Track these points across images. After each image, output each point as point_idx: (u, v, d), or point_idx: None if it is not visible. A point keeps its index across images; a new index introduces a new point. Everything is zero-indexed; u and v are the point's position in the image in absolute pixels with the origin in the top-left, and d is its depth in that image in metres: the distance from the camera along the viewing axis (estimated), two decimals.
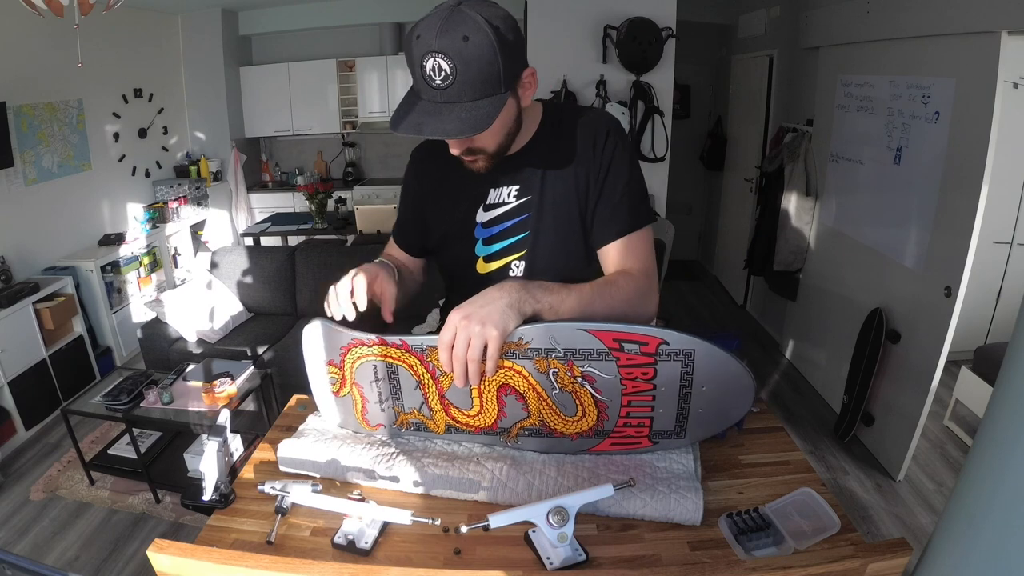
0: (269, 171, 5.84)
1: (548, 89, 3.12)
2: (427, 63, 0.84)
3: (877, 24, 2.67)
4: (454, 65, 0.83)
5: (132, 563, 2.27)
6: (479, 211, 1.08)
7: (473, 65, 0.84)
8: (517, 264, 1.08)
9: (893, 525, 2.36)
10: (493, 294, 0.87)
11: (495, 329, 0.83)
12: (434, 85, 0.85)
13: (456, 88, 0.85)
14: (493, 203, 1.07)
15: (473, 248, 1.10)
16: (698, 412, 0.94)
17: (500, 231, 1.08)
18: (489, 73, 0.85)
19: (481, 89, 0.86)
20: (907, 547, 0.76)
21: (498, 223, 1.08)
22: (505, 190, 1.07)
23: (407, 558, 0.84)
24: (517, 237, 1.07)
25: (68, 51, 2.95)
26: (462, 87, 0.85)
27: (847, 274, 3.07)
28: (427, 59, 0.84)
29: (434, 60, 0.83)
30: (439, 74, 0.84)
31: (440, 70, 0.84)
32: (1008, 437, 0.58)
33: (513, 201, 1.06)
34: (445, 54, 0.83)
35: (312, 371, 1.04)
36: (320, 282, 3.55)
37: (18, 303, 3.04)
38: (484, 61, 0.84)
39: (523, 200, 1.06)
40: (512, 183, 1.06)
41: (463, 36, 0.82)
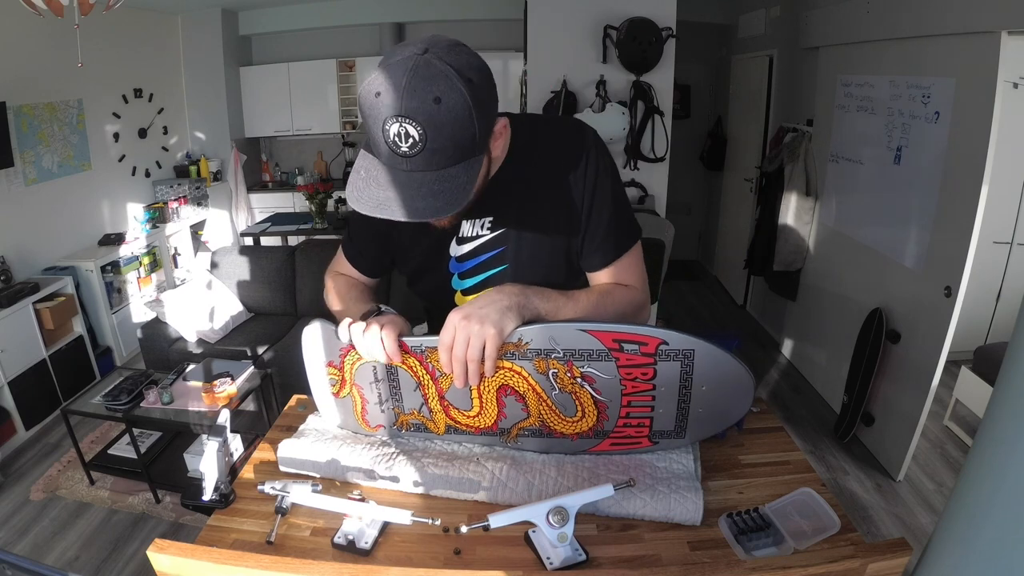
0: (269, 171, 5.84)
1: (548, 89, 3.12)
2: (391, 128, 0.73)
3: (877, 24, 2.67)
4: (423, 132, 0.73)
5: (132, 563, 2.27)
6: (452, 244, 1.01)
7: (446, 130, 0.74)
8: None
9: (893, 525, 2.36)
10: (492, 296, 0.85)
11: (493, 328, 0.82)
12: (399, 152, 0.75)
13: (425, 156, 0.75)
14: (466, 236, 1.00)
15: (449, 282, 1.04)
16: (698, 412, 0.94)
17: (476, 264, 1.01)
18: (463, 137, 0.76)
19: (453, 155, 0.77)
20: (907, 547, 0.76)
21: (473, 256, 1.01)
22: (478, 222, 0.99)
23: (407, 558, 0.84)
24: (495, 271, 1.01)
25: (68, 51, 2.95)
26: (432, 155, 0.75)
27: (847, 274, 3.07)
28: (391, 123, 0.73)
29: (400, 125, 0.73)
30: (406, 141, 0.74)
31: (407, 136, 0.73)
32: (1008, 437, 0.58)
33: (487, 233, 0.99)
34: (413, 119, 0.72)
35: (312, 372, 1.04)
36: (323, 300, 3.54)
37: (18, 303, 3.04)
38: (458, 124, 0.74)
39: (498, 232, 0.99)
40: (485, 214, 0.98)
41: (434, 98, 0.72)
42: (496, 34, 5.20)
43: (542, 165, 0.96)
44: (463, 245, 1.01)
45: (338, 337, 0.95)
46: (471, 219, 1.00)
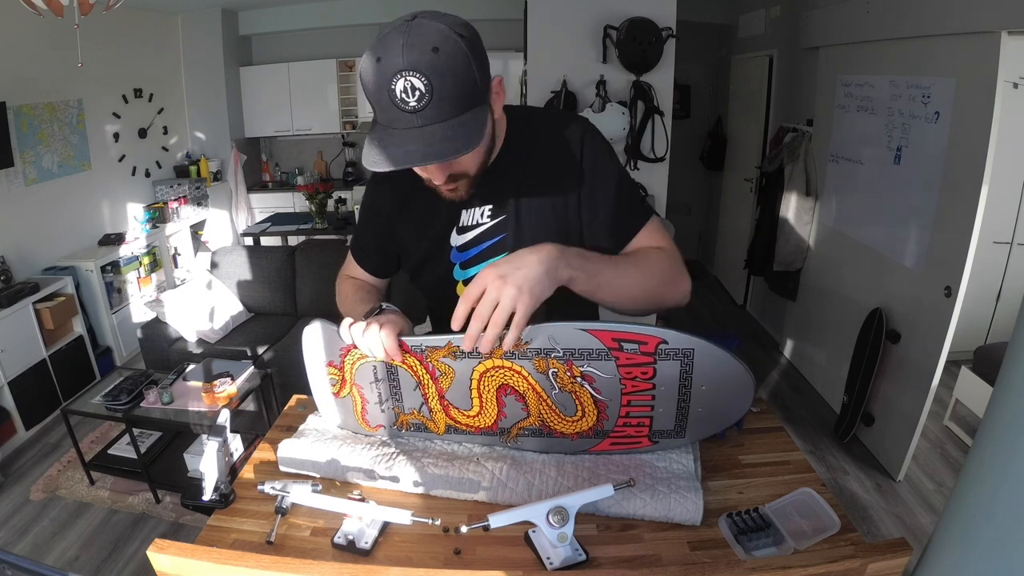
0: (269, 171, 5.84)
1: (548, 89, 3.12)
2: (396, 85, 0.75)
3: (877, 24, 2.67)
4: (428, 81, 0.75)
5: (132, 563, 2.27)
6: (453, 234, 1.02)
7: (449, 77, 0.76)
8: None
9: (893, 525, 2.36)
10: (530, 258, 0.80)
11: (528, 296, 0.77)
12: (408, 108, 0.77)
13: (435, 107, 0.76)
14: (466, 225, 1.01)
15: (451, 272, 1.04)
16: (698, 411, 0.94)
17: (477, 253, 1.02)
18: (467, 84, 0.78)
19: (461, 103, 0.78)
20: (907, 547, 0.76)
21: (474, 245, 1.01)
22: (477, 210, 1.00)
23: (407, 558, 0.84)
24: (496, 258, 0.98)
25: (68, 51, 2.95)
26: (441, 104, 0.77)
27: (847, 274, 3.07)
28: (396, 81, 0.75)
29: (405, 80, 0.75)
30: (413, 94, 0.76)
31: (414, 90, 0.75)
32: (1008, 437, 0.58)
33: (488, 221, 1.00)
34: (416, 71, 0.74)
35: (312, 372, 1.04)
36: (323, 300, 3.55)
37: (18, 303, 3.04)
38: (460, 70, 0.77)
39: (498, 220, 0.99)
40: (484, 202, 0.99)
41: (432, 47, 0.75)
42: (496, 34, 5.19)
43: (539, 153, 0.97)
44: (463, 234, 1.01)
45: (339, 336, 0.95)
46: (470, 208, 1.00)
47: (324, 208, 4.58)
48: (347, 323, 0.93)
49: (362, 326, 0.91)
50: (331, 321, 1.00)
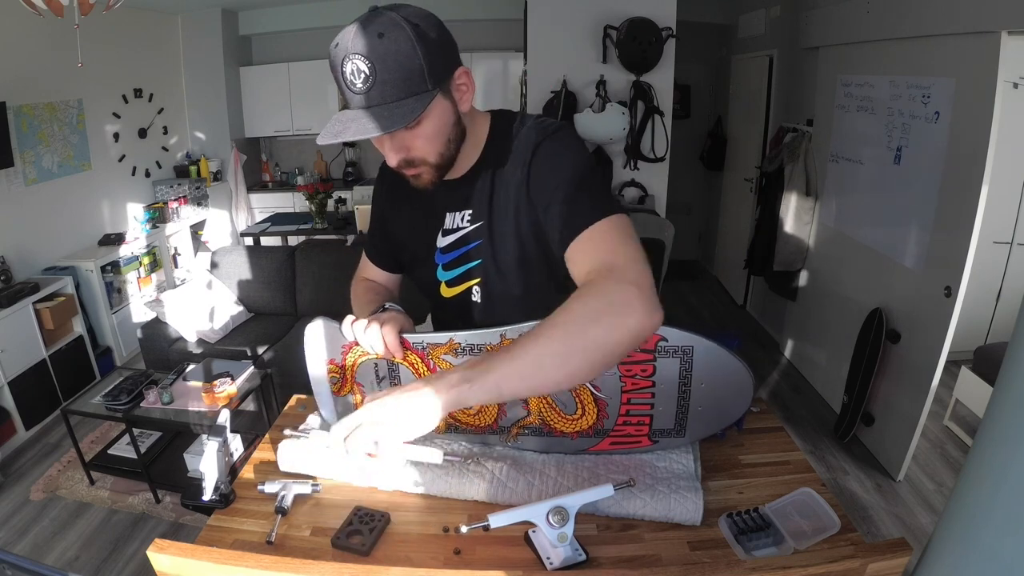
0: (269, 171, 5.84)
1: (548, 89, 3.12)
2: (346, 68, 0.81)
3: (877, 24, 2.67)
4: (372, 64, 0.79)
5: (132, 563, 2.27)
6: (438, 235, 1.04)
7: (391, 61, 0.79)
8: (476, 290, 1.03)
9: (893, 525, 2.36)
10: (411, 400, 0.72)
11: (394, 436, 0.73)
12: (355, 90, 0.81)
13: (377, 89, 0.81)
14: (449, 228, 1.02)
15: (435, 273, 1.06)
16: (698, 409, 0.94)
17: (457, 256, 1.03)
18: (410, 70, 0.81)
19: (404, 87, 0.81)
20: (907, 547, 0.76)
21: (454, 248, 1.03)
22: (459, 215, 1.01)
23: (407, 558, 0.84)
24: (473, 263, 1.02)
25: (68, 51, 2.95)
26: (383, 87, 0.81)
27: (847, 274, 3.07)
28: (345, 64, 0.80)
29: (351, 63, 0.80)
30: (359, 77, 0.80)
31: (359, 72, 0.80)
32: (1008, 437, 0.58)
33: (467, 226, 1.01)
34: (361, 54, 0.79)
35: (313, 370, 1.04)
36: (323, 299, 3.55)
37: (18, 303, 3.04)
38: (402, 56, 0.80)
39: (476, 225, 1.00)
40: (465, 207, 1.00)
41: (378, 34, 0.79)
42: (496, 34, 5.20)
43: (512, 162, 0.96)
44: (446, 237, 1.03)
45: (341, 334, 0.96)
46: (453, 211, 1.01)
47: (324, 208, 4.58)
48: (349, 320, 0.94)
49: (363, 323, 0.92)
50: (333, 319, 1.00)
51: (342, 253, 3.66)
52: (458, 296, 1.05)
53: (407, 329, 0.97)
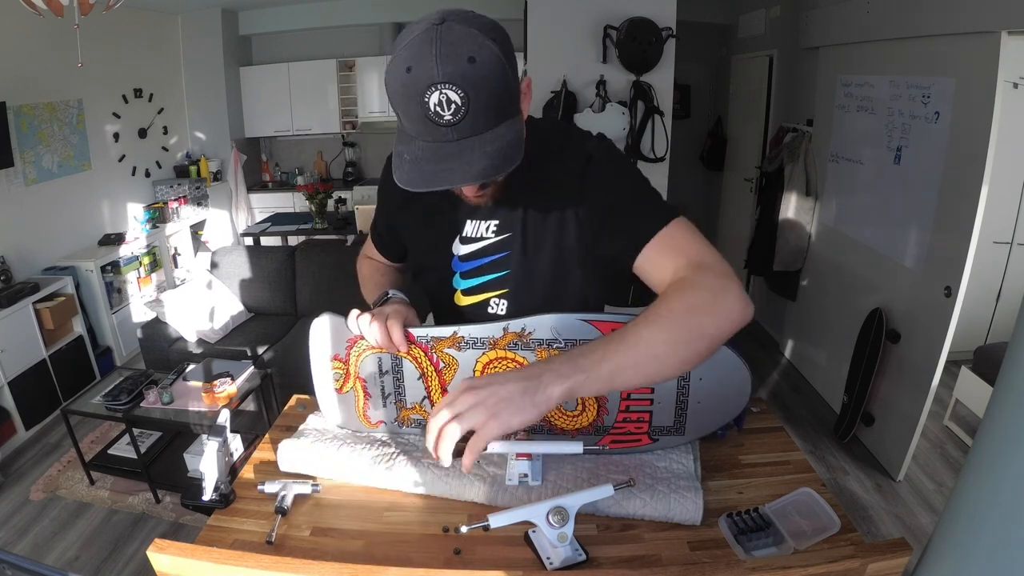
0: (269, 171, 5.84)
1: (548, 89, 3.12)
2: (430, 98, 0.70)
3: (877, 24, 2.66)
4: (465, 94, 0.70)
5: (132, 563, 2.27)
6: (456, 242, 0.99)
7: (485, 88, 0.71)
8: (496, 301, 1.01)
9: (893, 525, 2.36)
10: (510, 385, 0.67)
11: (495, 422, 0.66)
12: (443, 122, 0.72)
13: (470, 120, 0.72)
14: (471, 237, 0.98)
15: (451, 280, 1.02)
16: (697, 405, 0.95)
17: (478, 266, 0.99)
18: (503, 93, 0.73)
19: (497, 114, 0.74)
20: (907, 547, 0.76)
21: (476, 258, 0.99)
22: (483, 224, 0.97)
23: (407, 558, 0.84)
24: (497, 275, 0.99)
25: (68, 51, 2.95)
26: (476, 117, 0.72)
27: (847, 274, 3.07)
28: (430, 93, 0.70)
29: (440, 93, 0.70)
30: (448, 108, 0.71)
31: (450, 103, 0.70)
32: (1008, 437, 0.58)
33: (492, 237, 0.97)
34: (452, 83, 0.69)
35: (316, 366, 1.05)
36: (323, 299, 3.55)
37: (18, 303, 3.04)
38: (495, 81, 0.72)
39: (503, 237, 0.96)
40: (491, 217, 0.96)
41: (468, 58, 0.70)
42: None
43: (546, 171, 0.92)
44: (467, 245, 0.99)
45: (347, 328, 0.96)
46: (476, 220, 0.98)
47: (324, 208, 4.58)
48: (354, 314, 0.94)
49: (368, 317, 0.92)
50: (339, 314, 1.00)
51: (342, 253, 3.65)
52: (474, 306, 1.02)
53: (411, 322, 0.97)
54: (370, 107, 5.50)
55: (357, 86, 5.45)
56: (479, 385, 0.68)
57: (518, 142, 0.76)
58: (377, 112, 5.50)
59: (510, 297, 1.00)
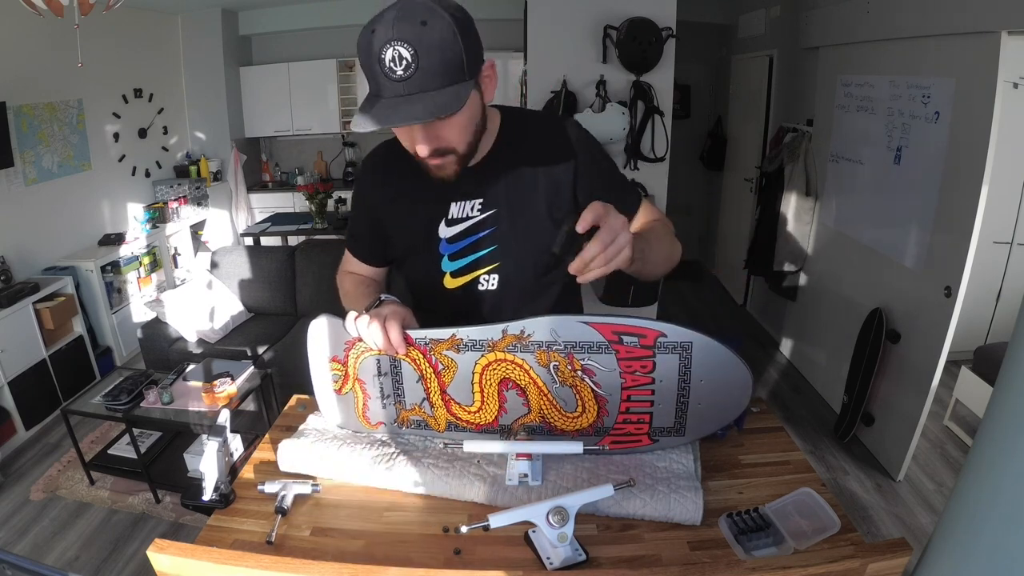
0: (269, 171, 5.84)
1: (548, 89, 3.12)
2: (386, 54, 0.80)
3: (877, 24, 2.66)
4: (415, 51, 0.79)
5: (132, 563, 2.27)
6: (441, 225, 1.05)
7: (435, 50, 0.80)
8: (486, 278, 1.06)
9: (893, 525, 2.36)
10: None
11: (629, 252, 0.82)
12: (395, 77, 0.81)
13: (419, 77, 0.81)
14: (456, 218, 1.04)
15: (439, 264, 1.07)
16: (697, 406, 0.94)
17: (465, 246, 1.05)
18: (452, 58, 0.82)
19: (445, 76, 0.82)
20: (907, 547, 0.76)
21: (463, 238, 1.05)
22: (467, 204, 1.03)
23: (407, 558, 0.84)
24: (484, 251, 1.05)
25: (68, 51, 2.95)
26: (425, 75, 0.81)
27: (847, 274, 3.06)
28: (385, 50, 0.80)
29: (393, 49, 0.79)
30: (400, 64, 0.80)
31: (401, 59, 0.80)
32: (1008, 437, 0.58)
33: (477, 215, 1.03)
34: (404, 40, 0.79)
35: (315, 368, 1.05)
36: (323, 299, 3.54)
37: (18, 303, 3.04)
38: (445, 45, 0.81)
39: (488, 213, 1.03)
40: (475, 196, 1.03)
41: (421, 21, 0.79)
42: (496, 34, 5.18)
43: (531, 149, 1.03)
44: (453, 227, 1.04)
45: (345, 330, 0.96)
46: (460, 200, 1.03)
47: (324, 208, 4.58)
48: (352, 316, 0.95)
49: (366, 319, 0.93)
50: (336, 316, 1.00)
51: (342, 253, 3.63)
52: (463, 287, 1.07)
53: (408, 322, 0.97)
54: None
55: (357, 86, 5.44)
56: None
57: (462, 98, 0.83)
58: None
59: (500, 271, 1.05)
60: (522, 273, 1.06)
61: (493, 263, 1.05)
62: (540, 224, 1.03)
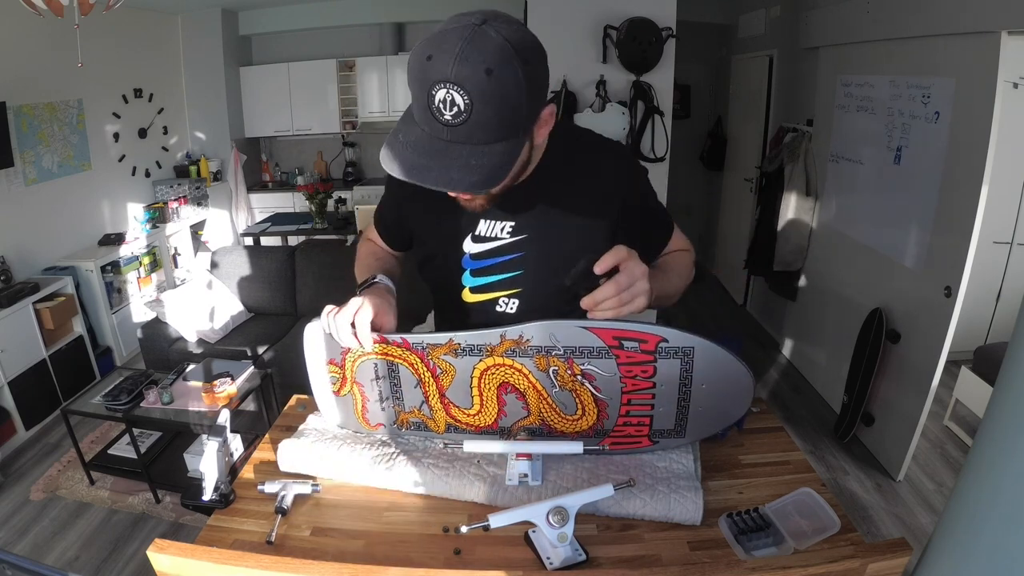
0: (269, 171, 5.84)
1: (548, 89, 3.12)
2: (437, 93, 0.70)
3: (877, 24, 2.66)
4: (470, 102, 0.70)
5: (132, 563, 2.27)
6: (467, 240, 1.00)
7: (493, 104, 0.70)
8: (505, 300, 1.02)
9: (893, 525, 2.36)
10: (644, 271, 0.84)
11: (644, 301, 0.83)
12: (442, 120, 0.72)
13: (467, 128, 0.72)
14: (484, 236, 0.98)
15: (460, 277, 1.03)
16: (698, 411, 0.94)
17: (490, 265, 1.00)
18: (510, 116, 0.73)
19: (497, 132, 0.73)
20: (907, 547, 0.76)
21: (488, 257, 1.00)
22: (498, 224, 0.97)
23: (407, 558, 0.84)
24: (508, 275, 1.00)
25: (68, 51, 2.95)
26: (474, 128, 0.72)
27: (847, 274, 3.06)
28: (437, 88, 0.70)
29: (447, 91, 0.70)
30: (450, 108, 0.71)
31: (452, 104, 0.70)
32: (1008, 437, 0.58)
33: (507, 237, 0.97)
34: (461, 87, 0.69)
35: (313, 370, 1.04)
36: (323, 299, 3.55)
37: (18, 303, 3.04)
38: (507, 101, 0.71)
39: (518, 238, 0.97)
40: (507, 218, 0.97)
41: (486, 68, 0.69)
42: None
43: (577, 180, 0.95)
44: (479, 244, 0.99)
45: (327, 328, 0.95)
46: (490, 219, 0.98)
47: (324, 208, 4.58)
48: (327, 310, 0.92)
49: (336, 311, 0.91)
50: None
51: (342, 253, 3.65)
52: (481, 304, 1.03)
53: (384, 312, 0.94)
54: (370, 107, 5.50)
55: (357, 86, 5.45)
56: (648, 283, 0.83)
57: (507, 166, 0.76)
58: (377, 112, 5.50)
59: (522, 296, 1.01)
60: (544, 303, 0.98)
61: (515, 288, 1.00)
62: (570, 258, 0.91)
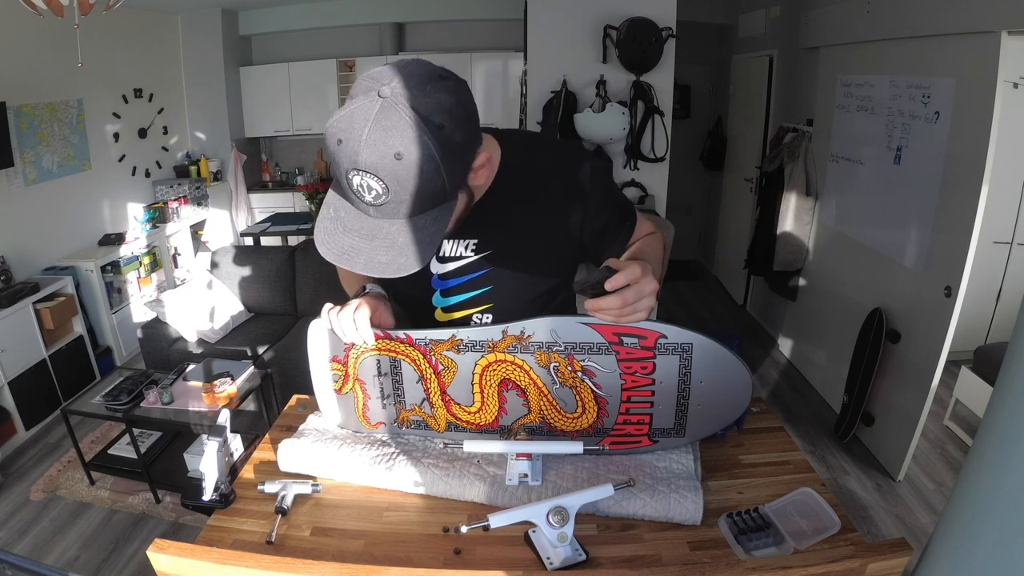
0: (269, 171, 5.84)
1: (548, 89, 3.12)
2: (353, 179, 0.70)
3: (877, 24, 2.67)
4: (386, 186, 0.70)
5: (132, 563, 2.27)
6: (433, 261, 0.99)
7: (409, 184, 0.70)
8: (480, 316, 1.02)
9: (893, 525, 2.36)
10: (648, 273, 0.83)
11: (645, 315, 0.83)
12: (364, 201, 0.73)
13: (391, 207, 0.73)
14: (449, 256, 0.98)
15: (430, 298, 1.03)
16: (697, 408, 0.94)
17: (459, 284, 1.00)
18: (429, 189, 0.72)
19: (421, 204, 0.74)
20: (907, 547, 0.76)
21: (455, 276, 1.00)
22: (461, 243, 0.97)
23: (407, 558, 0.84)
24: (479, 291, 1.00)
25: (68, 51, 2.95)
26: (398, 205, 0.72)
27: (847, 274, 3.07)
28: (352, 175, 0.70)
29: (361, 178, 0.70)
30: (369, 192, 0.71)
31: (370, 189, 0.70)
32: (1008, 437, 0.58)
33: (471, 255, 0.98)
34: (375, 174, 0.69)
35: (315, 368, 1.04)
36: (323, 299, 3.55)
37: (18, 303, 3.04)
38: (424, 177, 0.70)
39: (482, 255, 0.97)
40: (469, 236, 0.96)
41: (395, 153, 0.68)
42: (496, 34, 5.20)
43: (536, 189, 0.94)
44: (446, 264, 0.99)
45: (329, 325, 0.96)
46: (454, 239, 0.98)
47: None
48: (327, 307, 0.94)
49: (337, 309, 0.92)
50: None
51: None
52: (456, 321, 1.03)
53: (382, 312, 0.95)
54: None
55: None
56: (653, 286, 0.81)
57: (436, 236, 0.77)
58: None
59: (495, 310, 1.02)
60: (517, 310, 0.99)
61: (487, 303, 1.01)
62: (539, 266, 0.98)
